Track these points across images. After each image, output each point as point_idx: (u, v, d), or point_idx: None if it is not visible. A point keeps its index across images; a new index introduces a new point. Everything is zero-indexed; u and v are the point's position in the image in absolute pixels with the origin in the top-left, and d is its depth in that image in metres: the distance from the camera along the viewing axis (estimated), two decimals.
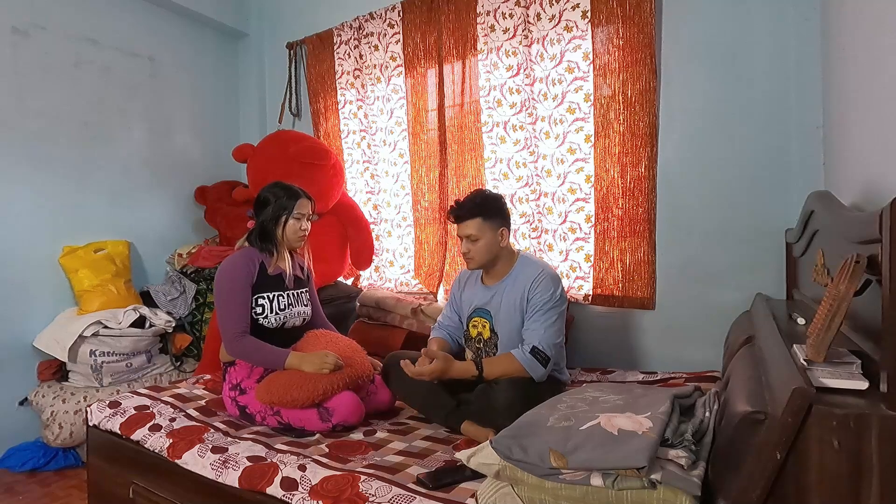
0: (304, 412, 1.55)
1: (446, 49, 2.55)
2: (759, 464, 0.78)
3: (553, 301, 1.61)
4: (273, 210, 1.71)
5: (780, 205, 1.91)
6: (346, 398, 1.56)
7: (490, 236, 1.66)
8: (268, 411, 1.60)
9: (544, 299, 1.60)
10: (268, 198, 1.73)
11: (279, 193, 1.72)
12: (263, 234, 1.72)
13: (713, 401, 1.17)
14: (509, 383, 1.51)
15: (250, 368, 1.69)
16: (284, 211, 1.71)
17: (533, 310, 1.61)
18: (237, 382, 1.67)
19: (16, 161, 2.39)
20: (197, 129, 3.19)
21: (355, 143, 2.98)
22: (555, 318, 1.60)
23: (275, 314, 1.70)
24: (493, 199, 1.72)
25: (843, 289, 0.83)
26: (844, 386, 0.81)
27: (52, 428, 2.24)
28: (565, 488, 0.97)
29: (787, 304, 1.73)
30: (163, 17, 3.00)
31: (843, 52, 1.49)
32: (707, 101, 2.03)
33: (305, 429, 1.56)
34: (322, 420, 1.55)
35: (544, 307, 1.60)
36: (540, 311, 1.60)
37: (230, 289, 1.64)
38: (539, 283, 1.62)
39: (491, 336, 1.72)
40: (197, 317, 2.81)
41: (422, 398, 1.65)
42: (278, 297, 1.72)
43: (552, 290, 1.61)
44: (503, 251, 1.71)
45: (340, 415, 1.54)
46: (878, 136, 1.14)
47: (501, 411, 1.41)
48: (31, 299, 2.45)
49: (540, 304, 1.60)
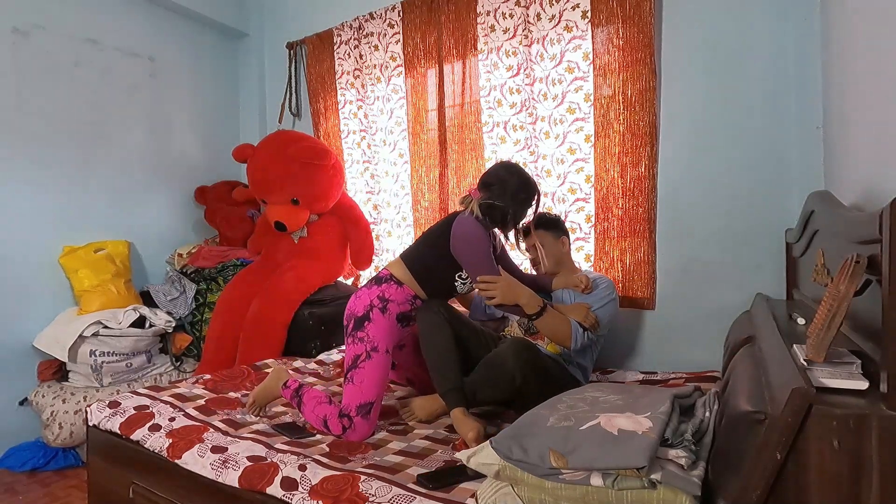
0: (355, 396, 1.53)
1: (446, 49, 2.55)
2: (759, 464, 0.78)
3: (610, 297, 1.79)
4: (524, 199, 1.72)
5: (780, 205, 1.91)
6: (368, 431, 1.54)
7: (551, 244, 1.89)
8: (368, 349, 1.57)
9: (605, 293, 1.79)
10: (529, 188, 1.73)
11: (534, 191, 1.75)
12: (504, 216, 1.69)
13: (713, 401, 1.17)
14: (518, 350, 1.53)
15: (406, 299, 1.65)
16: (528, 206, 1.76)
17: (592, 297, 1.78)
18: (388, 298, 1.63)
19: (16, 161, 2.40)
20: (197, 129, 3.19)
21: (355, 143, 2.98)
22: (605, 304, 1.76)
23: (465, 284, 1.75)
24: (547, 215, 1.96)
25: (843, 289, 0.83)
26: (844, 386, 0.81)
27: (52, 428, 2.24)
28: (565, 488, 0.97)
29: (787, 304, 1.73)
30: (163, 17, 3.00)
31: (843, 52, 1.49)
32: (707, 101, 2.03)
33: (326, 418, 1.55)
34: (340, 423, 1.53)
35: (603, 298, 1.78)
36: (598, 299, 1.77)
37: (481, 242, 1.64)
38: (602, 281, 1.84)
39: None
40: (197, 317, 2.81)
41: (437, 354, 1.58)
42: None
43: (610, 290, 1.81)
44: (566, 256, 1.94)
45: (357, 435, 1.52)
46: (878, 136, 1.14)
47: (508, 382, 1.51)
48: (31, 299, 2.45)
49: (600, 294, 1.79)
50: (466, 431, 1.41)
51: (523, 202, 1.71)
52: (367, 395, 1.54)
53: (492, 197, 1.66)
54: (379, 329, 1.60)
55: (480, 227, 1.65)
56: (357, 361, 1.58)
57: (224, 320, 2.55)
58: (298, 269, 2.61)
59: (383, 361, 1.60)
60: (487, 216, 1.67)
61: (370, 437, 1.53)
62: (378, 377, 1.57)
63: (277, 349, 2.48)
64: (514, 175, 1.70)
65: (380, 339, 1.60)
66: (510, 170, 1.73)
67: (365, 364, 1.57)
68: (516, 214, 1.71)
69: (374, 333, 1.60)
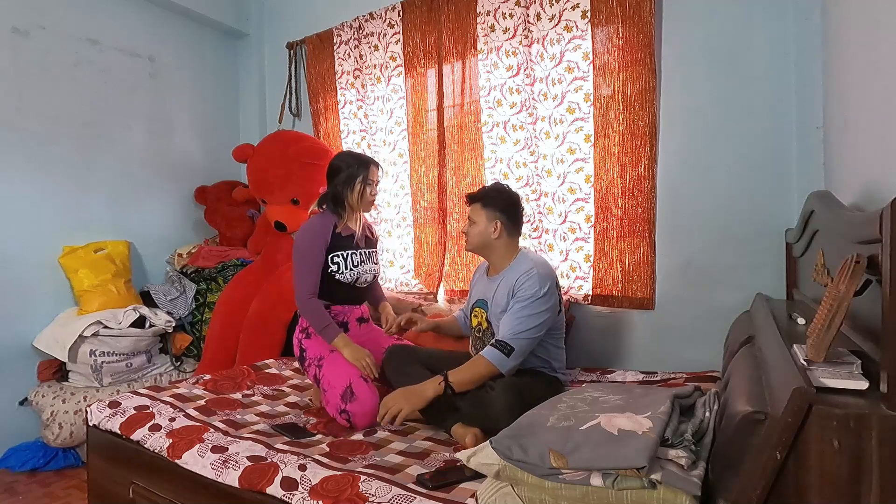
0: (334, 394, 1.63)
1: (446, 49, 2.55)
2: (759, 464, 0.78)
3: (534, 297, 1.59)
4: (345, 177, 1.81)
5: (780, 205, 1.91)
6: (368, 405, 1.60)
7: (483, 224, 1.72)
8: (316, 363, 1.76)
9: (526, 295, 1.60)
10: (340, 166, 1.83)
11: (350, 162, 1.84)
12: (336, 199, 1.84)
13: (713, 401, 1.17)
14: (505, 387, 1.50)
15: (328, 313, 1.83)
16: (356, 178, 1.81)
17: (513, 303, 1.62)
18: (306, 326, 1.85)
19: (16, 161, 2.40)
20: (197, 129, 3.19)
21: (355, 143, 2.98)
22: (529, 314, 1.59)
23: (349, 270, 1.82)
24: (498, 192, 1.77)
25: (843, 289, 0.83)
26: (844, 386, 0.81)
27: (52, 428, 2.24)
28: (565, 488, 0.97)
29: (787, 304, 1.73)
30: (163, 17, 3.00)
31: (843, 52, 1.49)
32: (707, 101, 2.03)
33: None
34: (343, 419, 1.62)
35: (522, 301, 1.60)
36: (518, 304, 1.60)
37: (307, 252, 1.78)
38: (526, 279, 1.62)
39: (488, 327, 1.74)
40: (197, 317, 2.81)
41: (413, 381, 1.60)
42: (351, 255, 1.84)
43: (536, 288, 1.60)
44: (497, 244, 1.74)
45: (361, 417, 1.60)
46: (878, 136, 1.14)
47: (500, 415, 1.38)
48: (31, 299, 2.45)
49: (520, 298, 1.61)
50: (464, 435, 1.44)
51: (346, 180, 1.81)
52: (339, 386, 1.64)
53: (330, 184, 1.84)
54: (314, 347, 1.80)
55: (312, 231, 1.79)
56: (318, 377, 1.75)
57: (224, 320, 2.56)
58: None
59: (334, 358, 1.74)
60: (331, 202, 1.83)
61: (368, 438, 1.54)
62: (337, 368, 1.70)
63: (277, 349, 2.48)
64: (334, 158, 1.88)
65: (320, 350, 1.78)
66: (334, 156, 1.91)
67: (323, 372, 1.73)
68: (343, 193, 1.81)
69: (313, 353, 1.80)
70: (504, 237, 1.73)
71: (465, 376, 1.54)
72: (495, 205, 1.72)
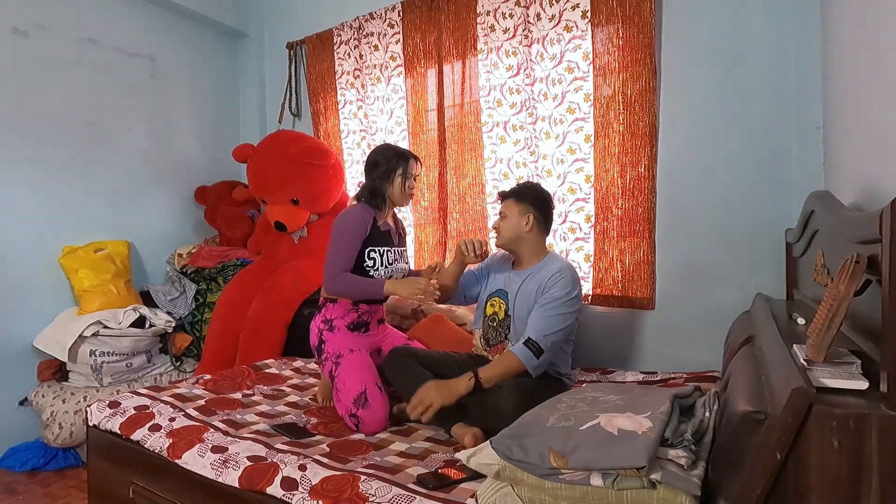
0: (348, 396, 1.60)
1: (446, 49, 2.55)
2: (759, 464, 0.78)
3: (566, 298, 1.61)
4: (384, 171, 1.77)
5: (780, 205, 1.91)
6: (379, 414, 1.59)
7: (516, 218, 1.72)
8: (333, 359, 1.71)
9: (557, 295, 1.61)
10: (378, 160, 1.79)
11: (389, 155, 1.79)
12: (374, 193, 1.79)
13: (713, 401, 1.17)
14: (512, 387, 1.50)
15: (346, 311, 1.79)
16: (395, 171, 1.78)
17: (543, 302, 1.62)
18: (330, 318, 1.79)
19: (16, 161, 2.40)
20: (197, 129, 3.19)
21: (355, 143, 2.98)
22: (559, 314, 1.60)
23: (384, 267, 1.78)
24: (531, 188, 1.80)
25: (843, 289, 0.83)
26: (844, 386, 0.81)
27: (52, 428, 2.24)
28: (565, 488, 0.97)
29: (787, 304, 1.73)
30: (163, 17, 3.00)
31: (843, 51, 1.49)
32: (707, 101, 2.03)
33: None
34: (352, 422, 1.59)
35: (553, 302, 1.61)
36: (548, 304, 1.61)
37: (346, 232, 1.72)
38: (560, 278, 1.63)
39: (505, 318, 1.74)
40: (197, 317, 2.81)
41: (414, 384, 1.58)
42: (387, 252, 1.80)
43: (569, 289, 1.62)
44: (528, 237, 1.74)
45: (371, 425, 1.57)
46: (878, 136, 1.14)
47: (506, 415, 1.35)
48: (31, 299, 2.45)
49: (551, 298, 1.61)
50: (464, 435, 1.44)
51: (384, 174, 1.77)
52: (354, 390, 1.61)
53: (368, 177, 1.80)
54: (334, 342, 1.75)
55: (355, 215, 1.74)
56: (333, 374, 1.71)
57: (224, 320, 2.55)
58: (298, 269, 2.61)
59: (353, 359, 1.70)
60: (369, 195, 1.78)
61: (369, 438, 1.54)
62: (355, 371, 1.66)
63: (277, 349, 2.48)
64: (372, 152, 1.83)
65: (339, 348, 1.74)
66: (372, 150, 1.86)
67: (339, 371, 1.69)
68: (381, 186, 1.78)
69: (332, 347, 1.74)
70: (535, 232, 1.74)
71: (495, 373, 1.55)
72: (528, 199, 1.74)
